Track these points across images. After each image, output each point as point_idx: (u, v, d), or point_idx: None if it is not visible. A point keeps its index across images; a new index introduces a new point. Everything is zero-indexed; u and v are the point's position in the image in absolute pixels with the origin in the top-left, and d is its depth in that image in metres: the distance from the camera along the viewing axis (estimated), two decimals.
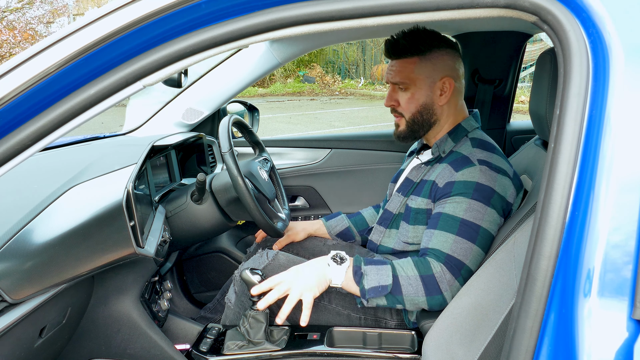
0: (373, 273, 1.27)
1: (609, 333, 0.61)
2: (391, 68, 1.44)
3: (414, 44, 1.39)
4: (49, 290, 1.11)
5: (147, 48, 0.72)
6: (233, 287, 1.55)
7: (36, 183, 1.35)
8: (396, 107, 1.45)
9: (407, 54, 1.40)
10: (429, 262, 1.26)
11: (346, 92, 15.23)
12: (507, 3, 0.66)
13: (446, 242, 1.27)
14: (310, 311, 1.26)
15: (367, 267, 1.28)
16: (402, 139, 1.49)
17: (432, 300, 1.24)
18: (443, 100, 1.43)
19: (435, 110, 1.43)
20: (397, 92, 1.44)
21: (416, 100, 1.42)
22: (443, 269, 1.24)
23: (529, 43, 2.30)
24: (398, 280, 1.25)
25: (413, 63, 1.40)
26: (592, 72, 0.63)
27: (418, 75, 1.40)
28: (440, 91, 1.42)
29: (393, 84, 1.44)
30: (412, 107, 1.43)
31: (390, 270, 1.26)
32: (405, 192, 1.49)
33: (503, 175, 1.32)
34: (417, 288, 1.24)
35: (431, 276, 1.24)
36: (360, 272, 1.27)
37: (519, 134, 2.38)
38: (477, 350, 1.00)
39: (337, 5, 0.69)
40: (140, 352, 1.44)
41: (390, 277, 1.25)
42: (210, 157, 2.14)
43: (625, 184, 0.62)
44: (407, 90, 1.42)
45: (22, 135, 0.73)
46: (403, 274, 1.25)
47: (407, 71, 1.40)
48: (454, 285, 1.23)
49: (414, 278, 1.24)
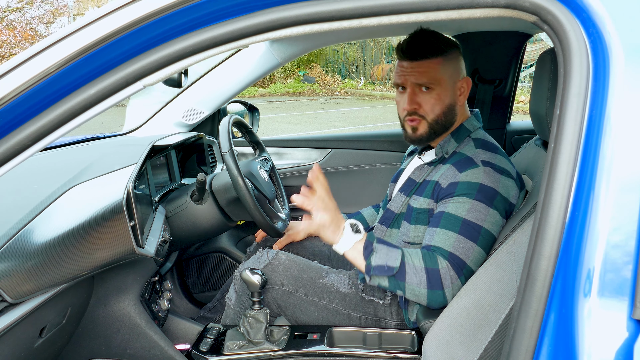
0: (383, 252, 1.26)
1: (609, 333, 0.61)
2: (414, 69, 1.36)
3: (436, 44, 1.35)
4: (49, 290, 1.11)
5: (147, 48, 0.72)
6: (233, 287, 1.55)
7: (36, 183, 1.35)
8: (417, 109, 1.39)
9: (431, 55, 1.35)
10: (437, 257, 1.25)
11: (346, 92, 15.23)
12: (507, 3, 0.66)
13: (448, 240, 1.26)
14: (305, 199, 1.25)
15: (378, 245, 1.27)
16: (422, 141, 1.44)
17: (432, 294, 1.23)
18: (462, 100, 1.42)
19: (456, 110, 1.42)
20: (419, 94, 1.38)
21: (442, 101, 1.38)
22: (448, 265, 1.24)
23: (529, 43, 2.29)
24: (404, 267, 1.24)
25: (438, 63, 1.35)
26: (592, 72, 0.63)
27: (443, 76, 1.36)
28: (459, 91, 1.41)
29: (418, 85, 1.37)
30: (437, 108, 1.38)
31: (400, 255, 1.26)
32: (407, 192, 1.49)
33: (506, 176, 1.32)
34: (421, 279, 1.24)
35: (436, 270, 1.23)
36: (371, 248, 1.26)
37: (519, 134, 2.38)
38: (477, 350, 1.00)
39: (337, 5, 0.69)
40: (140, 352, 1.44)
41: (399, 261, 1.24)
42: (210, 157, 2.14)
43: (625, 184, 0.62)
44: (432, 91, 1.37)
45: (22, 135, 0.73)
46: (410, 262, 1.25)
47: (433, 72, 1.35)
48: (456, 283, 1.23)
49: (420, 269, 1.24)
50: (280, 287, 1.47)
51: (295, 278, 1.47)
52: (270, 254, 1.52)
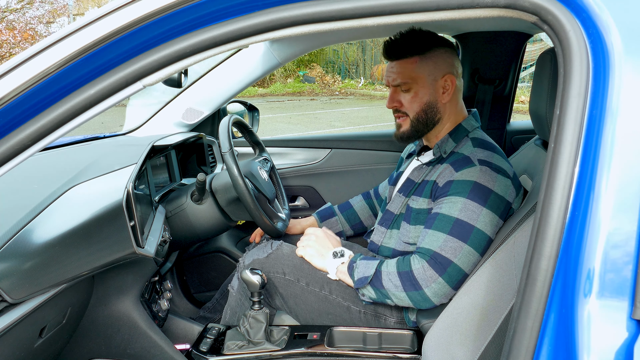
0: (362, 266, 1.37)
1: (609, 333, 0.61)
2: (391, 70, 1.43)
3: (414, 43, 1.39)
4: (49, 290, 1.11)
5: (147, 48, 0.72)
6: (237, 274, 1.56)
7: (36, 183, 1.35)
8: (399, 107, 1.45)
9: (407, 54, 1.40)
10: (410, 259, 1.31)
11: (346, 92, 15.23)
12: (507, 3, 0.66)
13: (436, 241, 1.28)
14: (300, 252, 1.49)
15: (359, 262, 1.38)
16: (405, 139, 1.48)
17: (412, 295, 1.28)
18: (446, 98, 1.43)
19: (439, 108, 1.43)
20: (399, 94, 1.44)
21: (420, 98, 1.41)
22: (424, 266, 1.27)
23: (529, 43, 2.29)
24: (380, 275, 1.33)
25: (414, 62, 1.40)
26: (592, 72, 0.63)
27: (420, 74, 1.40)
28: (442, 89, 1.42)
29: (394, 86, 1.43)
30: (415, 106, 1.42)
31: (377, 264, 1.35)
32: (406, 193, 1.49)
33: (503, 175, 1.32)
34: (396, 284, 1.30)
35: (407, 272, 1.29)
36: (352, 266, 1.38)
37: (519, 134, 2.38)
38: (477, 350, 1.00)
39: (337, 5, 0.69)
40: (140, 352, 1.44)
41: (374, 270, 1.34)
42: (210, 157, 2.14)
43: (625, 183, 0.62)
44: (409, 90, 1.41)
45: (22, 135, 0.73)
46: (385, 269, 1.33)
47: (408, 71, 1.40)
48: (437, 281, 1.25)
49: (393, 273, 1.31)
50: (282, 276, 1.48)
51: (297, 268, 1.48)
52: (274, 244, 1.54)
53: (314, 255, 1.46)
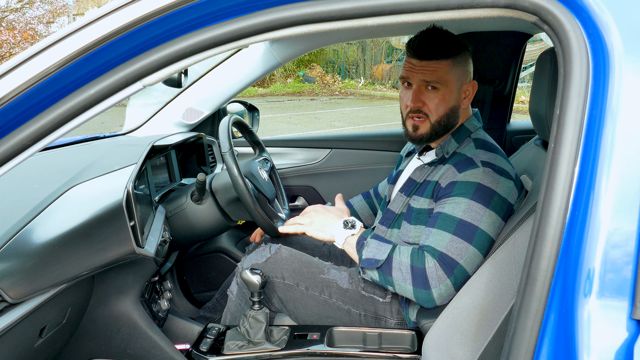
0: (374, 246, 1.32)
1: (609, 333, 0.61)
2: (423, 67, 1.36)
3: (448, 45, 1.35)
4: (49, 290, 1.11)
5: (147, 48, 0.72)
6: (236, 279, 1.56)
7: (36, 183, 1.35)
8: (421, 107, 1.39)
9: (442, 56, 1.35)
10: (425, 255, 1.27)
11: (346, 92, 15.22)
12: (507, 3, 0.66)
13: (442, 240, 1.27)
14: (296, 228, 1.46)
15: (371, 240, 1.33)
16: (423, 140, 1.44)
17: (418, 292, 1.26)
18: (466, 104, 1.42)
19: (459, 113, 1.42)
20: (425, 93, 1.38)
21: (446, 102, 1.38)
22: (436, 265, 1.25)
23: (529, 43, 2.29)
24: (391, 261, 1.29)
25: (447, 65, 1.35)
26: (592, 72, 0.63)
27: (451, 78, 1.36)
28: (464, 94, 1.41)
29: (425, 83, 1.37)
30: (441, 109, 1.38)
31: (389, 250, 1.30)
32: (407, 192, 1.49)
33: (506, 177, 1.32)
34: (406, 275, 1.27)
35: (422, 269, 1.26)
36: (362, 242, 1.33)
37: (519, 134, 2.38)
38: (477, 350, 1.00)
39: (337, 5, 0.69)
40: (140, 352, 1.44)
41: (386, 255, 1.30)
42: (210, 157, 2.14)
43: (625, 183, 0.62)
44: (437, 91, 1.37)
45: (22, 135, 0.73)
46: (397, 258, 1.29)
47: (442, 72, 1.35)
48: (445, 283, 1.24)
49: (405, 265, 1.27)
50: (282, 280, 1.48)
51: (297, 272, 1.48)
52: (273, 248, 1.53)
53: (318, 230, 1.41)
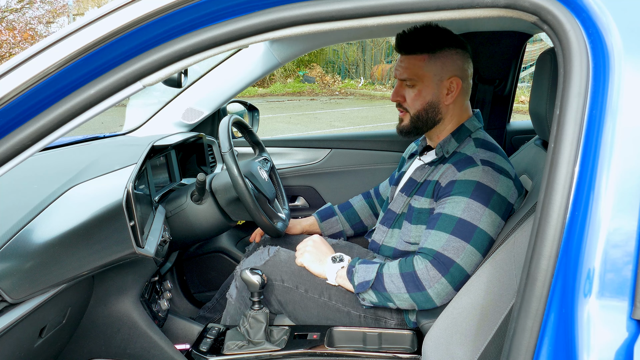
0: (362, 270, 1.35)
1: (609, 333, 0.61)
2: (400, 64, 1.43)
3: (425, 41, 1.38)
4: (49, 290, 1.11)
5: (147, 48, 0.72)
6: (234, 283, 1.56)
7: (36, 183, 1.35)
8: (402, 102, 1.45)
9: (417, 51, 1.39)
10: (413, 260, 1.30)
11: (346, 92, 15.22)
12: (507, 3, 0.66)
13: (439, 240, 1.28)
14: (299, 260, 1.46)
15: (359, 266, 1.36)
16: (404, 133, 1.49)
17: (415, 297, 1.28)
18: (449, 100, 1.43)
19: (440, 109, 1.43)
20: (404, 88, 1.44)
21: (422, 97, 1.42)
22: (428, 266, 1.26)
23: (529, 43, 2.29)
24: (382, 277, 1.31)
25: (422, 60, 1.39)
26: (592, 72, 0.63)
27: (426, 73, 1.39)
28: (447, 90, 1.42)
29: (400, 80, 1.44)
30: (417, 104, 1.42)
31: (377, 268, 1.33)
32: (408, 192, 1.49)
33: (505, 176, 1.32)
34: (399, 285, 1.29)
35: (411, 273, 1.28)
36: (352, 270, 1.36)
37: (519, 134, 2.38)
38: (477, 350, 1.00)
39: (337, 5, 0.69)
40: (140, 352, 1.44)
41: (374, 273, 1.32)
42: (210, 157, 2.14)
43: (625, 184, 0.62)
44: (414, 87, 1.41)
45: (22, 135, 0.73)
46: (387, 272, 1.32)
47: (415, 68, 1.39)
48: (440, 282, 1.24)
49: (396, 276, 1.30)
50: (281, 283, 1.47)
51: (296, 275, 1.48)
52: (272, 250, 1.53)
53: (312, 261, 1.44)
